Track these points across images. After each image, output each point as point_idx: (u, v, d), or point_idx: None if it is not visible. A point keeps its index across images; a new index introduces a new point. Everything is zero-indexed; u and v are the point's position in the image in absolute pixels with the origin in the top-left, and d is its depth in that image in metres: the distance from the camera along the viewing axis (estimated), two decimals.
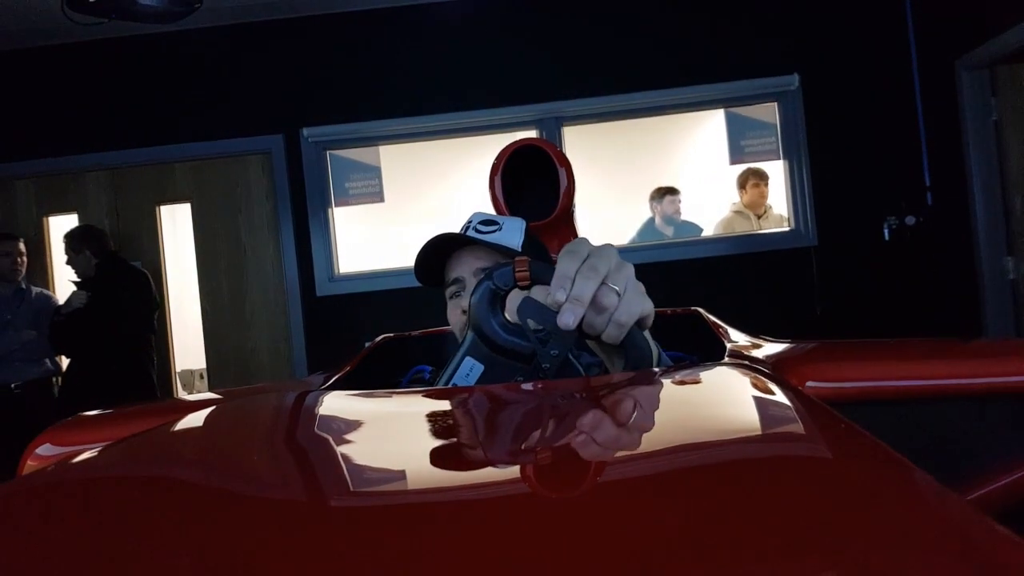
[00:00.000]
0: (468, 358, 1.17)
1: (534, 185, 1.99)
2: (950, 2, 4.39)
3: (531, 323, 1.10)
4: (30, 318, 4.19)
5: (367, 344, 2.03)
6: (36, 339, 4.13)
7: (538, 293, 1.10)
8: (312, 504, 0.63)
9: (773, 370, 1.17)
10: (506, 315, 1.15)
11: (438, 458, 0.75)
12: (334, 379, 1.48)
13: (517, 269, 1.10)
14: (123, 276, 4.24)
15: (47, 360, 4.22)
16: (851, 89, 4.62)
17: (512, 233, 1.48)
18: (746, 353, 1.36)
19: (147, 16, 3.74)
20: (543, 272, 1.09)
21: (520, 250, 1.46)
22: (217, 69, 4.78)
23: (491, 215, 1.51)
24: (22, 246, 4.28)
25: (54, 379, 4.27)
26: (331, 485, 0.69)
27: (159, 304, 4.43)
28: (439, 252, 1.46)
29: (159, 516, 0.59)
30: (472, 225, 1.49)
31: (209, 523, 0.57)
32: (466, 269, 1.44)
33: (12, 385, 4.09)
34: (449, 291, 1.47)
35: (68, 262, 4.22)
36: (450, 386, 1.15)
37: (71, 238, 4.23)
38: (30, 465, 1.29)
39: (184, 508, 0.62)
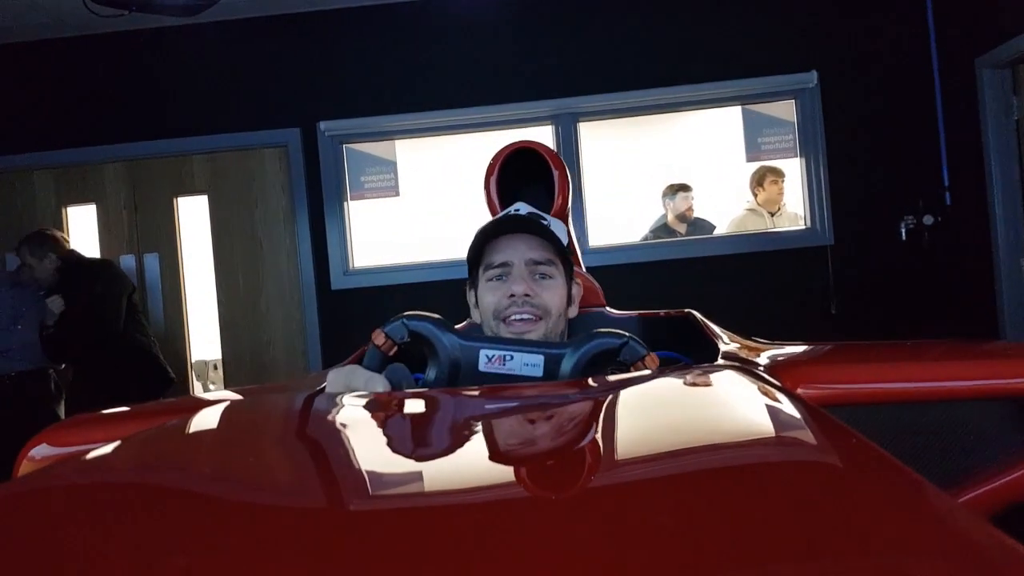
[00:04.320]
0: (541, 357, 1.19)
1: (529, 187, 1.99)
2: (971, 0, 4.35)
3: None
4: (42, 317, 4.12)
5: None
6: (35, 343, 4.05)
7: None
8: (313, 507, 0.63)
9: (766, 373, 1.17)
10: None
11: (445, 459, 0.75)
12: (334, 369, 1.48)
13: (645, 362, 1.21)
14: (88, 270, 4.11)
15: (45, 361, 4.12)
16: (870, 87, 4.58)
17: (559, 231, 1.48)
18: (739, 355, 1.36)
19: (167, 9, 3.76)
20: None
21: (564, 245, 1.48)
22: (235, 62, 4.80)
23: (536, 210, 1.51)
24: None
25: (51, 371, 4.15)
26: (328, 487, 0.69)
27: (135, 287, 4.32)
28: (495, 233, 1.46)
29: (158, 518, 0.60)
30: (523, 213, 1.49)
31: (207, 525, 0.58)
32: (517, 255, 1.43)
33: (5, 376, 4.04)
34: (491, 273, 1.45)
35: (30, 273, 4.03)
36: (506, 353, 1.19)
37: (32, 245, 4.04)
38: (26, 466, 1.29)
39: (182, 511, 0.63)
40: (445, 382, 1.24)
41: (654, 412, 0.94)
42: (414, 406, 1.05)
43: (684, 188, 4.79)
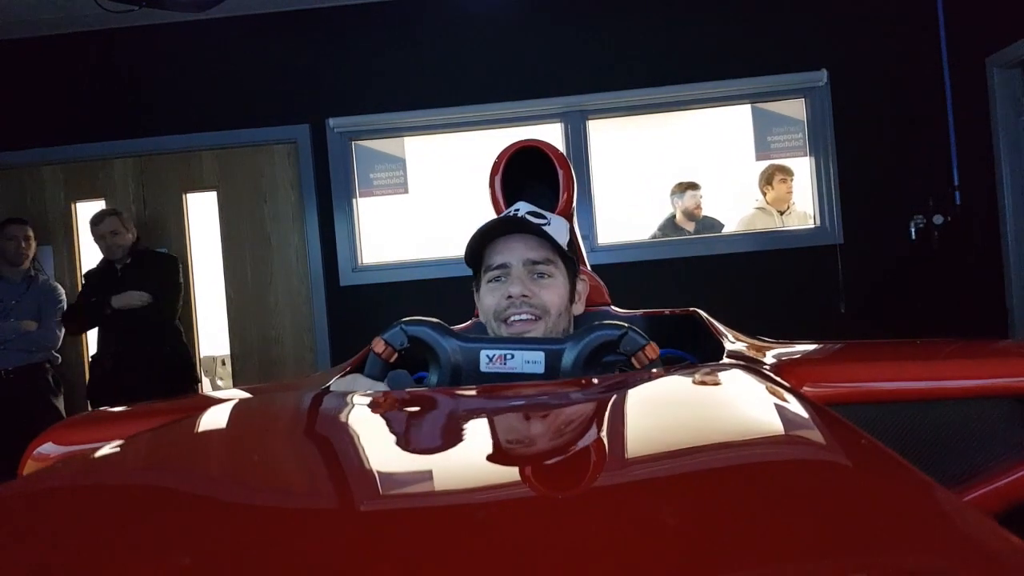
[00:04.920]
0: (542, 353, 1.20)
1: (534, 186, 1.98)
2: None
3: None
4: (33, 307, 4.14)
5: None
6: (35, 330, 4.08)
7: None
8: (320, 506, 0.63)
9: (771, 371, 1.17)
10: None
11: (453, 458, 0.75)
12: (336, 379, 1.48)
13: (646, 352, 1.21)
14: (165, 261, 4.26)
15: (42, 352, 4.15)
16: (880, 86, 4.57)
17: (560, 229, 1.48)
18: (744, 354, 1.35)
19: (178, 5, 3.77)
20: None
21: (566, 248, 1.47)
22: (245, 58, 4.81)
23: (537, 208, 1.51)
24: (29, 231, 4.23)
25: (48, 365, 4.21)
26: (336, 486, 0.70)
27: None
28: (491, 235, 1.47)
29: (164, 517, 0.60)
30: (521, 214, 1.49)
31: (213, 523, 0.58)
32: (515, 256, 1.44)
33: (2, 371, 4.06)
34: (491, 275, 1.47)
35: (113, 240, 4.07)
36: (507, 352, 1.20)
37: (124, 217, 4.16)
38: (31, 464, 1.29)
39: (188, 509, 0.63)
40: (447, 385, 1.24)
41: (659, 411, 0.94)
42: (420, 405, 1.05)
43: (693, 186, 4.78)
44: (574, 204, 2.03)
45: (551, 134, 4.66)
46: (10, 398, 4.03)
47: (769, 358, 1.31)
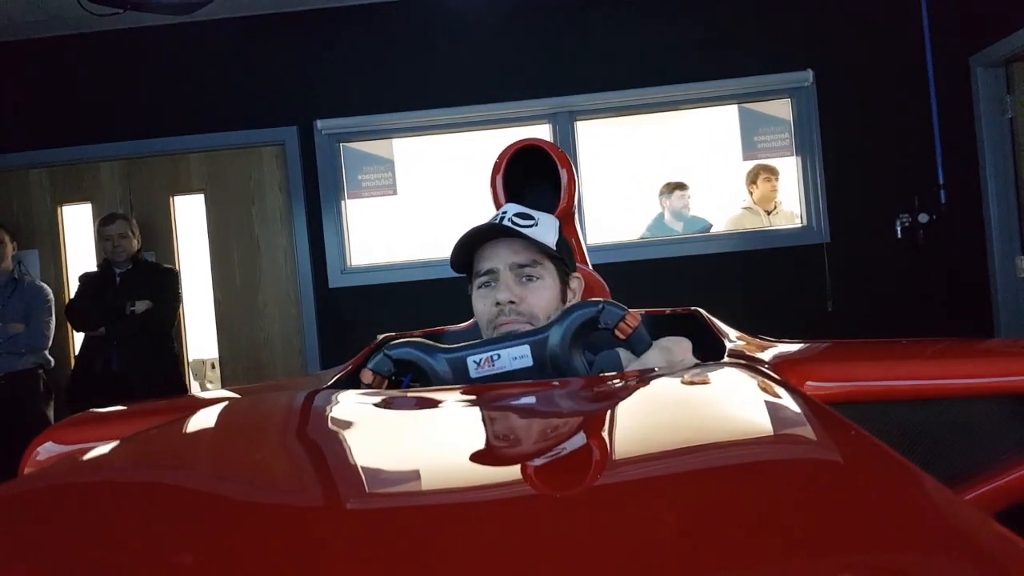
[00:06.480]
0: (527, 346, 1.21)
1: (536, 185, 1.99)
2: None
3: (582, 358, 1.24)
4: (20, 309, 4.12)
5: (379, 336, 2.03)
6: (24, 332, 4.07)
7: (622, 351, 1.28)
8: (318, 505, 0.64)
9: (773, 370, 1.18)
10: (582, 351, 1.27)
11: (455, 457, 0.76)
12: (335, 379, 1.49)
13: (627, 321, 1.23)
14: (170, 274, 4.34)
15: (33, 354, 4.14)
16: (865, 86, 4.60)
17: (547, 229, 1.49)
18: (746, 353, 1.36)
19: (162, 7, 3.75)
20: (640, 341, 1.24)
21: (555, 248, 1.48)
22: (232, 60, 4.79)
23: (526, 209, 1.52)
24: (3, 233, 4.21)
25: (40, 371, 4.18)
26: (330, 486, 0.70)
27: None
28: (474, 242, 1.48)
29: (159, 516, 0.60)
30: (508, 216, 1.49)
31: (208, 522, 0.58)
32: (501, 261, 1.45)
33: None
34: (479, 280, 1.48)
35: (120, 243, 4.13)
36: (492, 353, 1.21)
37: (133, 223, 4.26)
38: (32, 463, 1.29)
39: (183, 509, 0.63)
40: None
41: (661, 410, 0.95)
42: (414, 405, 1.05)
43: (681, 186, 4.80)
44: (576, 203, 2.03)
45: (539, 135, 4.65)
46: (2, 404, 3.98)
47: (770, 357, 1.32)
